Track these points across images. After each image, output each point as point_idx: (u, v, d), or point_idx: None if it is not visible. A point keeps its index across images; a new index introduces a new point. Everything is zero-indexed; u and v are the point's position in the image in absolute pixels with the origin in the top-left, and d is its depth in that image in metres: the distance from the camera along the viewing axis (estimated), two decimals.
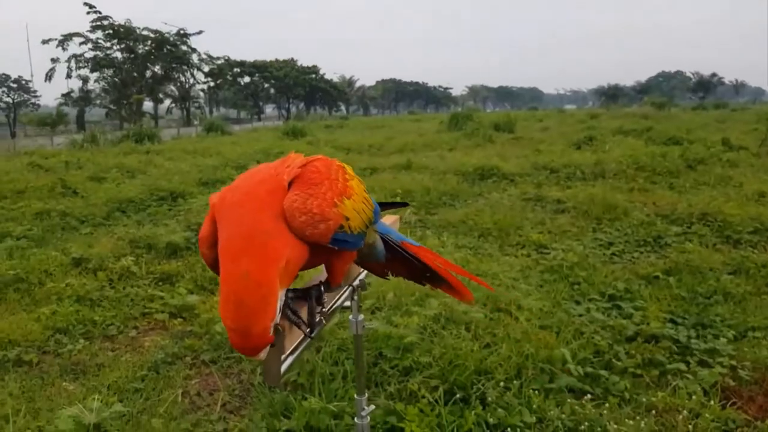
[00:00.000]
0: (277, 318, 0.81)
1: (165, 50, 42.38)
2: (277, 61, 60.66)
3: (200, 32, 46.45)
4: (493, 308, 3.23)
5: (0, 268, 4.22)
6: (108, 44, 40.52)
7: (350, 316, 1.44)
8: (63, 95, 41.89)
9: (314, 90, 64.22)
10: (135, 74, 41.79)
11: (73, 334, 3.38)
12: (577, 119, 24.09)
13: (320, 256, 0.97)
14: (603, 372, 2.57)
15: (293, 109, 61.88)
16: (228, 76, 52.41)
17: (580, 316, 3.24)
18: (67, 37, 39.20)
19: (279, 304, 0.81)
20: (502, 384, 2.40)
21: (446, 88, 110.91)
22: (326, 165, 0.96)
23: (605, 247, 4.86)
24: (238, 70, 56.39)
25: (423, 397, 2.33)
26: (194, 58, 45.17)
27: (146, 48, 41.91)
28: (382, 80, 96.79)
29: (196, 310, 3.67)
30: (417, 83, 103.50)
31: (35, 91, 46.98)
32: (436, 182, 7.96)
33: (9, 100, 45.42)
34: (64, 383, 2.85)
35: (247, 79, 59.09)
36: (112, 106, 42.43)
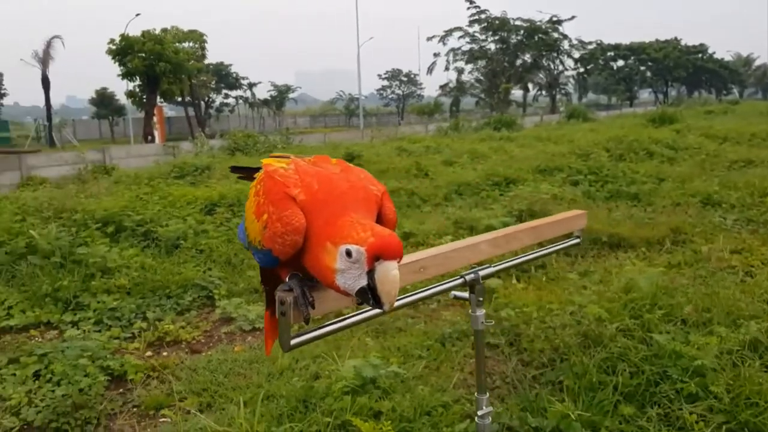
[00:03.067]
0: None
1: (536, 38, 43.32)
2: (657, 41, 56.19)
3: (573, 17, 45.86)
4: None
5: None
6: (483, 37, 43.49)
7: (469, 311, 1.38)
8: (441, 86, 46.84)
9: (699, 71, 57.52)
10: (506, 64, 43.91)
11: None
12: None
13: None
14: None
15: (673, 93, 56.63)
16: (599, 61, 50.82)
17: None
18: (447, 33, 43.45)
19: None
20: None
21: None
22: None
23: None
24: (612, 54, 54.14)
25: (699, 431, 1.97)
26: (565, 44, 45.14)
27: (518, 38, 43.52)
28: None
29: (495, 293, 3.76)
30: None
31: (420, 84, 53.80)
32: None
33: (399, 92, 52.97)
34: (366, 339, 3.28)
35: (620, 62, 56.36)
36: (482, 96, 45.60)
